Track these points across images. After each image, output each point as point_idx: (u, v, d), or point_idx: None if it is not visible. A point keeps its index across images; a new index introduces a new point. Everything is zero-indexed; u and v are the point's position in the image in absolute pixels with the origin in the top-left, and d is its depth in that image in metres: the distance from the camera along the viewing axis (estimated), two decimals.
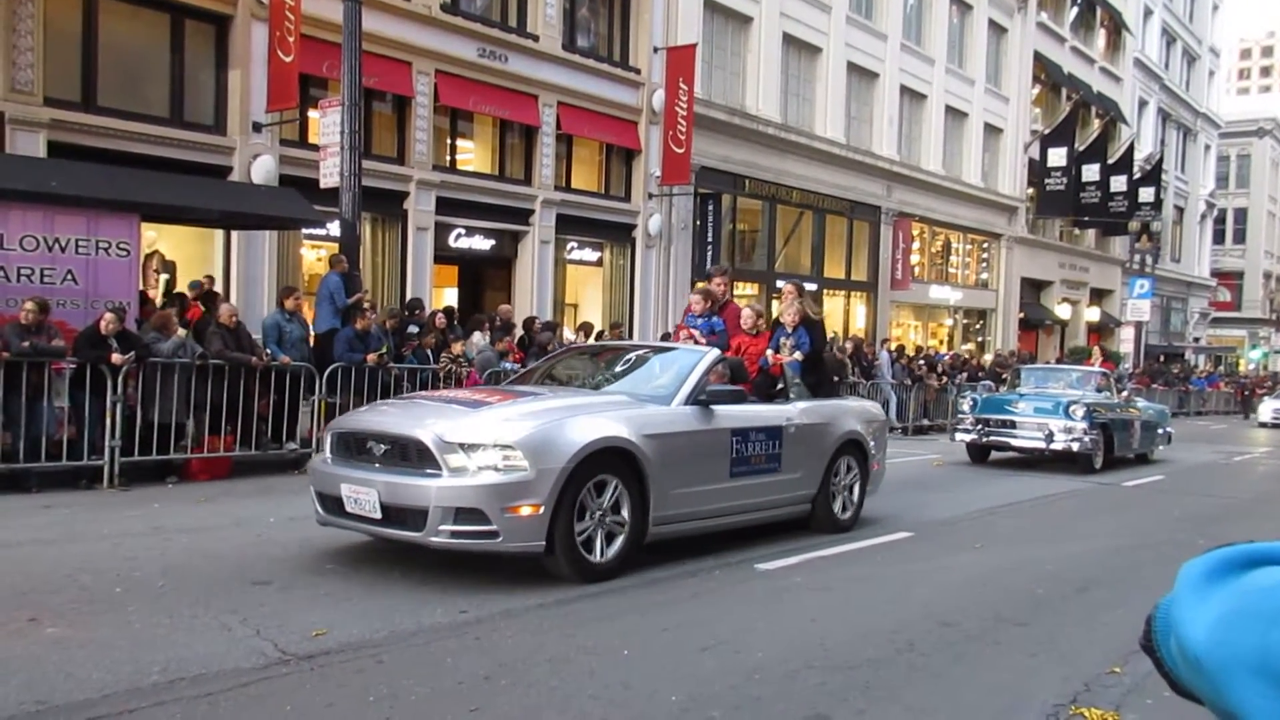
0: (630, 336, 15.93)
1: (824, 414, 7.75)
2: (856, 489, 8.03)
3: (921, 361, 20.99)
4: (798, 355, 8.18)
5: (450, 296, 17.83)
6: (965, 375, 21.86)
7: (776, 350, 8.25)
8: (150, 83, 13.17)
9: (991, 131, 31.76)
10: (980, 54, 30.74)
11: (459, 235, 16.82)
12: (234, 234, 13.56)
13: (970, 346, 30.74)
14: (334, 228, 12.91)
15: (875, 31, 26.30)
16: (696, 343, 7.90)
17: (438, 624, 4.81)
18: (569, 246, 19.10)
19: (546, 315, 16.91)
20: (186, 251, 13.78)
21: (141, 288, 10.99)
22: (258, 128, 13.73)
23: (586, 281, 20.14)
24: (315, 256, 15.36)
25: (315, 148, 13.43)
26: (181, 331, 9.93)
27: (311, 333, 11.74)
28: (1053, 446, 12.94)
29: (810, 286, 24.78)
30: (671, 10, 20.16)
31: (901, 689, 4.26)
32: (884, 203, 26.67)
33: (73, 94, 12.28)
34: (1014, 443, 13.48)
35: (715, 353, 7.18)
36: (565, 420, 5.77)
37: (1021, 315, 33.37)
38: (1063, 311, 35.50)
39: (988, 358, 25.95)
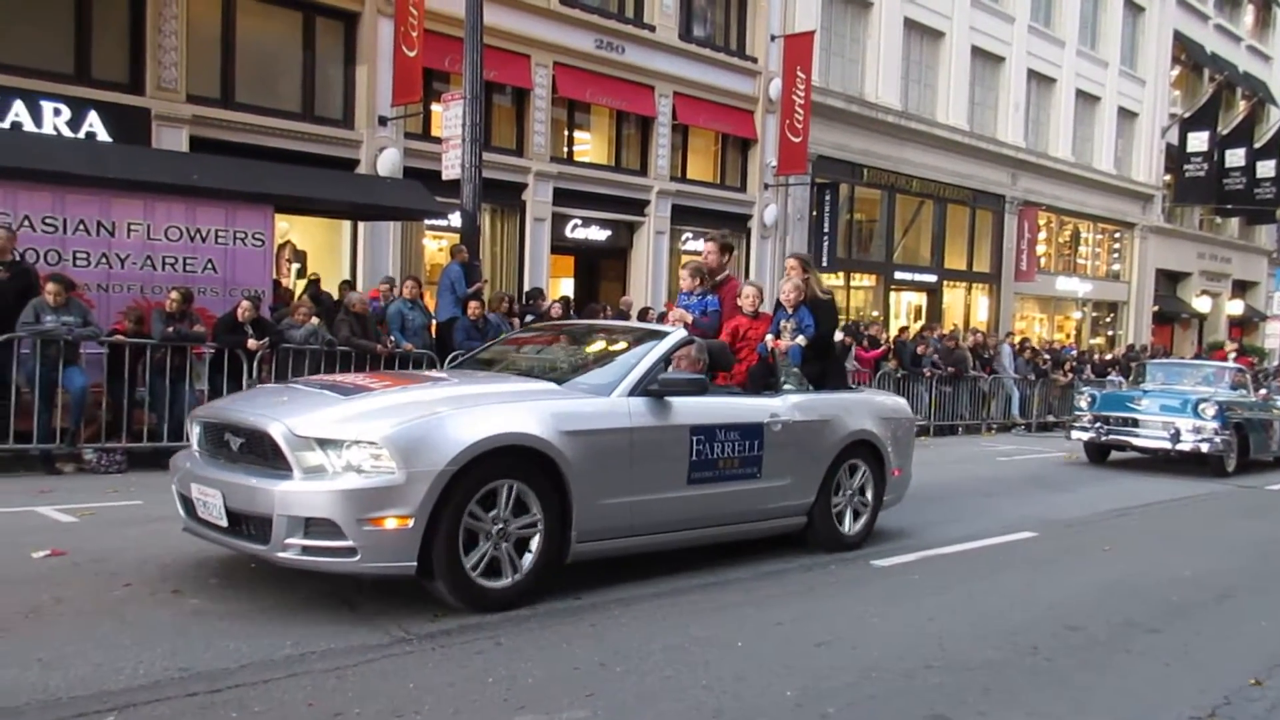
0: None
1: (823, 409, 6.52)
2: (869, 499, 6.82)
3: (1047, 356, 20.25)
4: (800, 340, 6.94)
5: (566, 286, 18.06)
6: (1090, 369, 21.02)
7: (776, 334, 7.03)
8: (283, 79, 13.72)
9: (1126, 116, 30.37)
10: (1115, 34, 29.41)
11: (575, 226, 17.02)
12: (360, 224, 14.04)
13: (1099, 341, 29.52)
14: (455, 218, 13.23)
15: (1001, 14, 25.44)
16: (687, 327, 6.70)
17: (553, 609, 4.88)
18: (684, 237, 19.10)
19: (661, 306, 16.96)
20: (316, 241, 14.33)
21: (275, 276, 11.47)
22: (383, 121, 14.17)
23: None
24: (437, 246, 15.77)
25: (438, 140, 13.77)
26: (314, 320, 10.33)
27: (434, 321, 12.06)
28: (1179, 447, 12.29)
29: (929, 278, 24.43)
30: None
31: (1024, 693, 4.13)
32: (1009, 191, 25.83)
33: (213, 91, 12.89)
34: (1136, 442, 12.85)
35: (680, 334, 6.03)
36: (454, 413, 4.75)
37: (1156, 308, 31.88)
38: (1201, 304, 33.75)
39: (1118, 352, 24.90)
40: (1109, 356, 23.53)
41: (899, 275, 23.81)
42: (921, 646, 4.64)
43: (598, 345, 6.52)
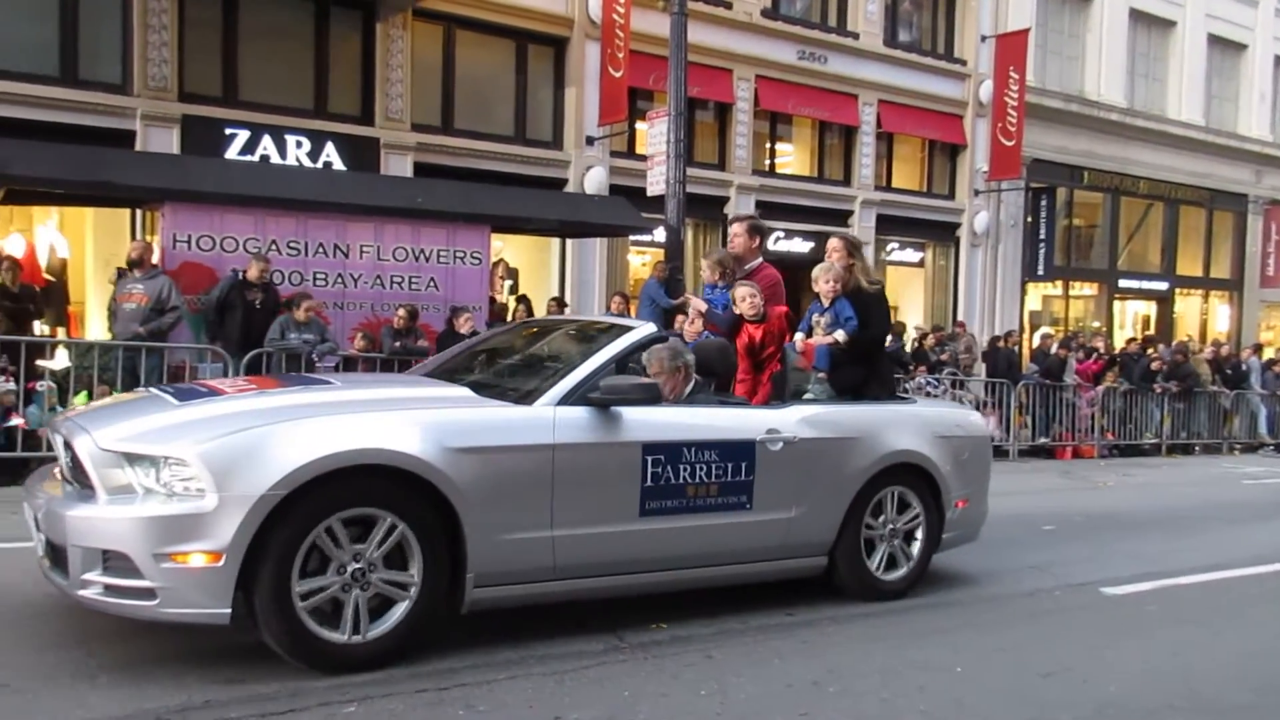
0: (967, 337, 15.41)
1: (847, 424, 5.28)
2: (918, 537, 5.53)
3: None
4: (838, 336, 5.67)
5: None
6: None
7: (809, 333, 5.85)
8: (498, 105, 14.38)
9: None
10: None
11: (778, 238, 16.90)
12: (568, 241, 14.51)
13: None
14: (659, 233, 13.43)
15: None
16: (707, 325, 5.80)
17: (764, 624, 4.84)
18: (889, 247, 18.64)
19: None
20: (527, 258, 14.91)
21: (489, 293, 12.02)
22: (590, 141, 14.59)
23: (908, 283, 19.53)
24: (640, 262, 16.06)
25: (642, 158, 14.03)
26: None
27: None
28: None
29: (1159, 285, 22.72)
30: None
31: None
32: (1252, 190, 23.69)
33: (434, 119, 13.67)
34: None
35: (645, 330, 5.00)
36: (296, 423, 3.89)
37: None
38: None
39: None
40: None
41: (1124, 283, 22.28)
42: (1163, 684, 4.29)
43: (555, 345, 5.54)
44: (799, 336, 5.84)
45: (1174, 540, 7.74)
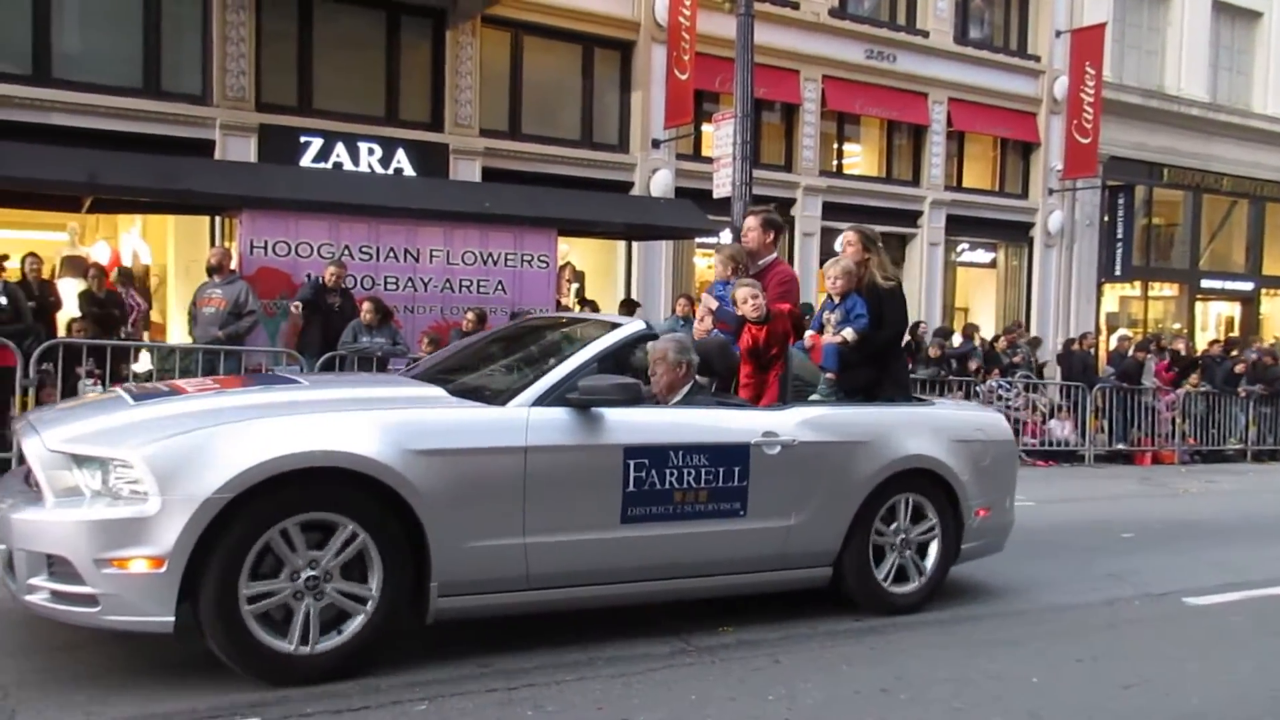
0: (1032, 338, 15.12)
1: (852, 427, 4.97)
2: (933, 548, 5.20)
3: None
4: (846, 334, 5.37)
5: None
6: None
7: (820, 330, 5.57)
8: (565, 109, 14.49)
9: None
10: None
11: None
12: (634, 244, 14.55)
13: None
14: (725, 235, 13.38)
15: None
16: (716, 323, 5.55)
17: (832, 630, 4.80)
18: (959, 248, 18.35)
19: (935, 320, 16.38)
20: (593, 262, 14.99)
21: (556, 296, 12.11)
22: (657, 144, 14.62)
23: (979, 284, 19.20)
24: (706, 264, 16.02)
25: (708, 160, 14.00)
26: None
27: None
28: None
29: (1244, 286, 21.97)
30: None
31: None
32: None
33: (502, 124, 13.82)
34: None
35: (634, 327, 4.76)
36: (244, 424, 3.75)
37: None
38: None
39: None
40: None
41: (1206, 284, 21.60)
42: (1249, 698, 4.16)
43: (543, 345, 5.29)
44: (809, 334, 5.58)
45: (1261, 549, 7.49)
